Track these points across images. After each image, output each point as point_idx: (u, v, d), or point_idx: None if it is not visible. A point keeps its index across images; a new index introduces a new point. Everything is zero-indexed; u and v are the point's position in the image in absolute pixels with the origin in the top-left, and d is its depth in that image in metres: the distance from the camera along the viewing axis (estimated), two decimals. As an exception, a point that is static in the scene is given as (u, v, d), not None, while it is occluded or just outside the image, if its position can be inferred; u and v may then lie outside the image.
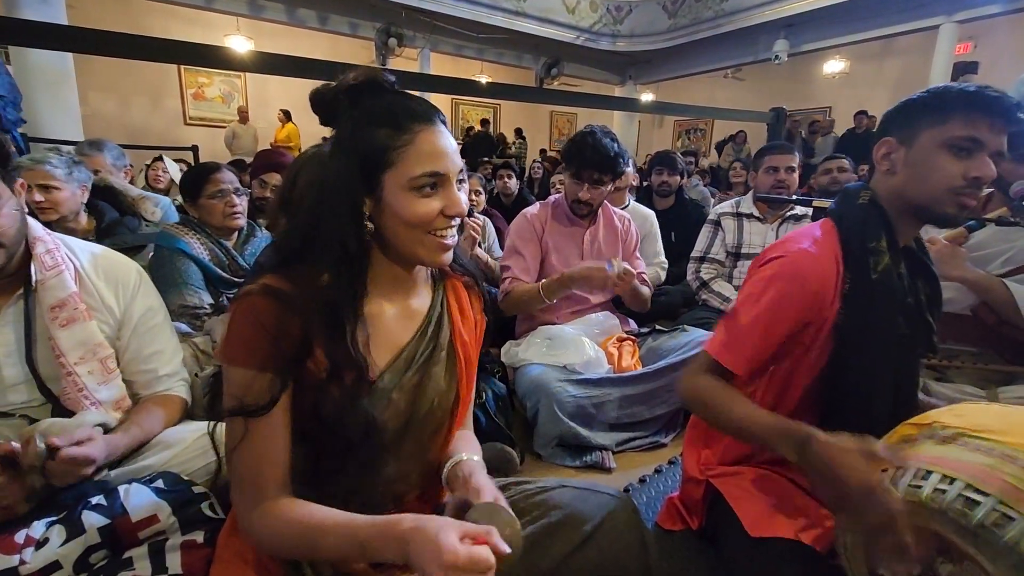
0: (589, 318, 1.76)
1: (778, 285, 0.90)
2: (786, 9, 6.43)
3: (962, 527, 0.64)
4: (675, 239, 2.71)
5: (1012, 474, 0.65)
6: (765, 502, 0.92)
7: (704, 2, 7.29)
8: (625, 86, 9.19)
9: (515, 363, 1.66)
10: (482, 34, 7.41)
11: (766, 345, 0.90)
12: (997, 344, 1.50)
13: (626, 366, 1.63)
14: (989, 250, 1.49)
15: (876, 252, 0.90)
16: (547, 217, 1.81)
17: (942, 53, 5.67)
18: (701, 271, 2.37)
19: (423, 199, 0.68)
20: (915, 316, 0.92)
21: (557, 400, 1.47)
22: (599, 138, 1.68)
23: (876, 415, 0.90)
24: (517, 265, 1.73)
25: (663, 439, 1.62)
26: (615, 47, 8.19)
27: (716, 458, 1.06)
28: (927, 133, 0.87)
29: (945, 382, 1.56)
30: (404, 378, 0.74)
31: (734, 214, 2.35)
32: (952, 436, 0.73)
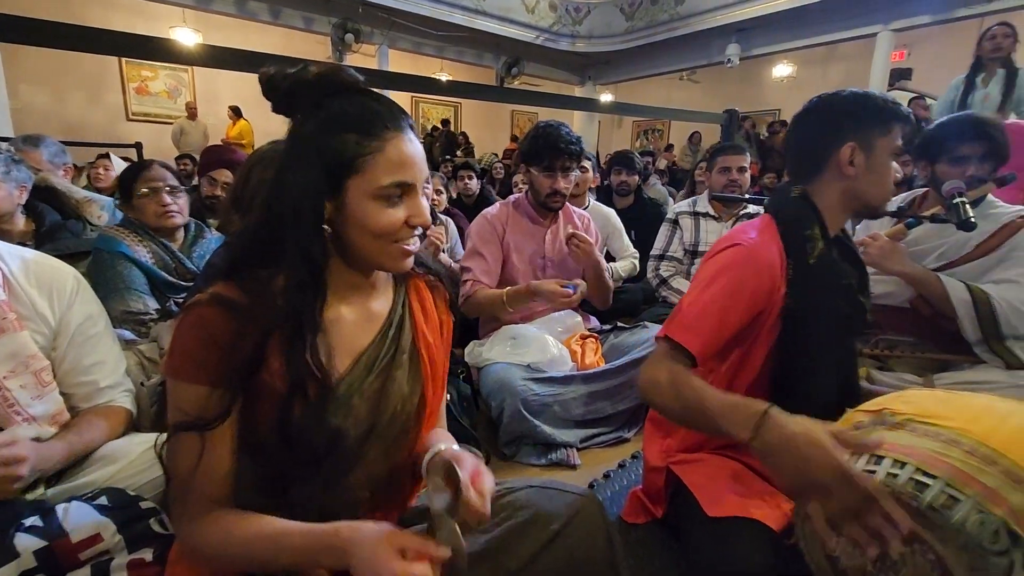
0: (552, 317, 1.76)
1: (731, 272, 0.94)
2: (737, 15, 6.67)
3: (913, 509, 0.67)
4: (635, 237, 2.76)
5: (957, 457, 0.68)
6: (723, 484, 0.95)
7: (660, 5, 7.47)
8: (584, 86, 9.31)
9: (479, 363, 1.65)
10: (441, 32, 7.34)
11: (722, 329, 0.93)
12: (933, 334, 1.59)
13: (589, 363, 1.64)
14: (925, 246, 1.57)
15: (811, 239, 0.96)
16: (508, 217, 1.80)
17: (880, 60, 6.01)
18: (660, 268, 2.43)
19: (388, 209, 0.66)
20: (851, 297, 0.99)
21: (522, 399, 1.47)
22: (560, 127, 1.70)
23: (822, 395, 0.95)
24: (478, 267, 1.72)
25: (626, 434, 1.64)
26: (574, 48, 8.28)
27: (677, 445, 1.09)
28: (880, 141, 0.94)
29: (886, 370, 1.64)
30: (365, 383, 0.72)
31: (691, 213, 2.42)
32: (901, 422, 0.76)
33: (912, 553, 0.70)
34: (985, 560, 0.63)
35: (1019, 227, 1.45)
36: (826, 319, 0.95)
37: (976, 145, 1.47)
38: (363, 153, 0.64)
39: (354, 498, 0.75)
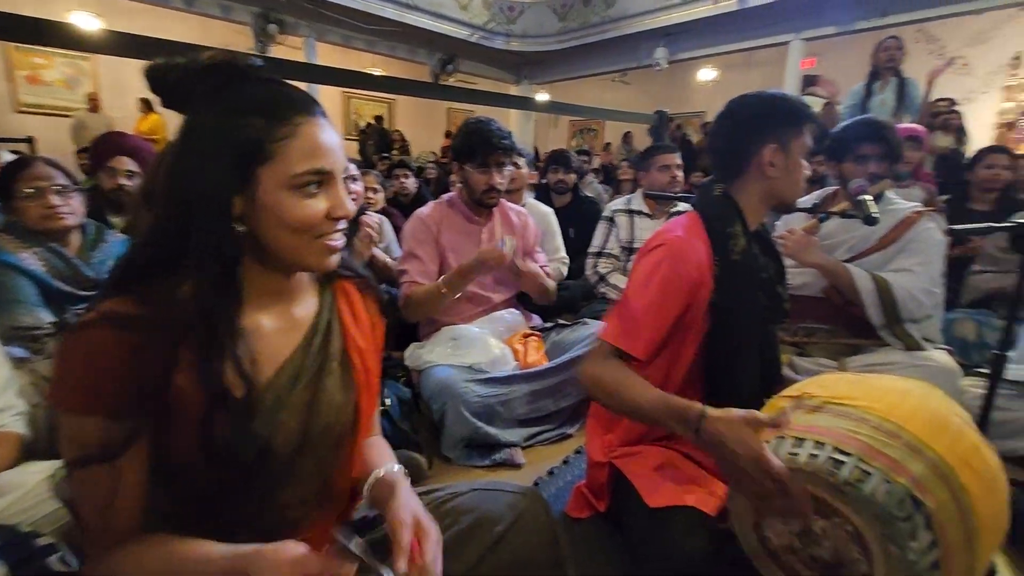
0: (493, 316, 1.75)
1: (663, 270, 0.97)
2: (663, 20, 6.94)
3: (831, 485, 0.72)
4: (573, 235, 2.80)
5: (867, 434, 0.74)
6: (662, 475, 0.99)
7: (591, 8, 7.63)
8: (520, 85, 9.37)
9: (419, 366, 1.61)
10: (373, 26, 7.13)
11: (660, 327, 0.97)
12: (844, 321, 1.73)
13: (532, 361, 1.65)
14: (836, 239, 1.71)
15: (734, 235, 1.01)
16: (442, 217, 1.76)
17: (792, 66, 6.46)
18: (599, 266, 2.48)
19: (306, 200, 0.61)
20: (769, 289, 1.05)
21: (464, 400, 1.45)
22: (490, 122, 1.68)
23: (748, 382, 1.01)
24: (415, 268, 1.67)
25: (569, 430, 1.67)
26: (509, 46, 8.30)
27: (618, 440, 1.12)
28: (795, 142, 1.00)
29: (805, 356, 1.76)
30: (292, 396, 0.67)
31: (626, 211, 2.49)
32: (819, 405, 0.82)
33: (832, 526, 0.75)
34: (893, 526, 0.68)
35: (914, 221, 1.61)
36: (749, 310, 1.01)
37: (875, 145, 1.61)
38: (273, 139, 0.59)
39: (290, 516, 0.70)
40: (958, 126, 4.22)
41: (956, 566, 0.70)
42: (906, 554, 0.68)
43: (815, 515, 0.76)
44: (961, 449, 0.73)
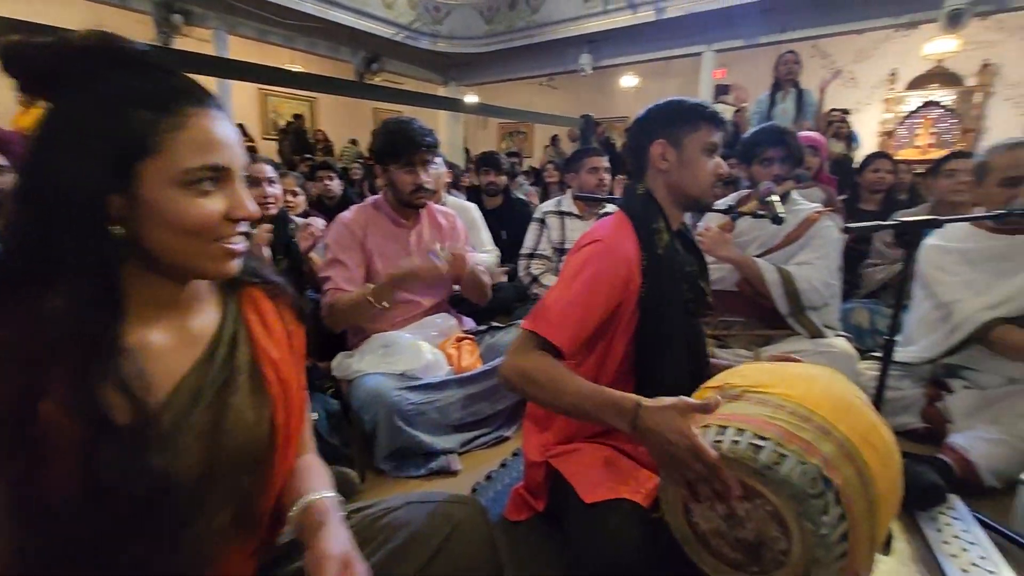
0: (425, 321, 1.71)
1: (593, 265, 0.99)
2: (587, 27, 7.15)
3: (752, 469, 0.76)
4: (506, 237, 2.81)
5: (783, 419, 0.79)
6: (597, 471, 1.01)
7: (517, 12, 7.72)
8: (448, 86, 9.30)
9: (348, 375, 1.54)
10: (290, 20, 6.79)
11: (587, 321, 0.98)
12: (757, 312, 1.86)
13: (467, 365, 1.63)
14: (748, 236, 1.86)
15: (658, 232, 1.05)
16: (367, 221, 1.69)
17: (706, 75, 6.87)
18: (531, 267, 2.50)
19: (200, 199, 0.56)
20: (693, 283, 1.10)
21: (397, 409, 1.41)
22: (411, 121, 1.65)
23: (677, 374, 1.05)
24: (340, 275, 1.59)
25: (506, 432, 1.66)
26: (436, 47, 8.22)
27: (554, 439, 1.13)
28: (688, 138, 1.05)
29: (725, 348, 1.88)
30: (193, 417, 0.60)
31: (557, 212, 2.53)
32: (739, 394, 0.86)
33: (754, 508, 0.79)
34: (807, 504, 0.73)
35: (815, 220, 1.78)
36: (675, 304, 1.05)
37: (779, 149, 1.78)
38: (157, 131, 0.53)
39: (201, 551, 0.63)
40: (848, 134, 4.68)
41: (861, 535, 0.75)
42: (819, 529, 0.73)
43: (739, 498, 0.80)
44: (862, 428, 0.79)
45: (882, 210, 2.77)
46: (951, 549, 1.16)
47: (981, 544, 1.16)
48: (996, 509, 1.28)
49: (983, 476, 1.36)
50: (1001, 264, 1.56)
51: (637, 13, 6.66)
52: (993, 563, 1.11)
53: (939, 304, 1.63)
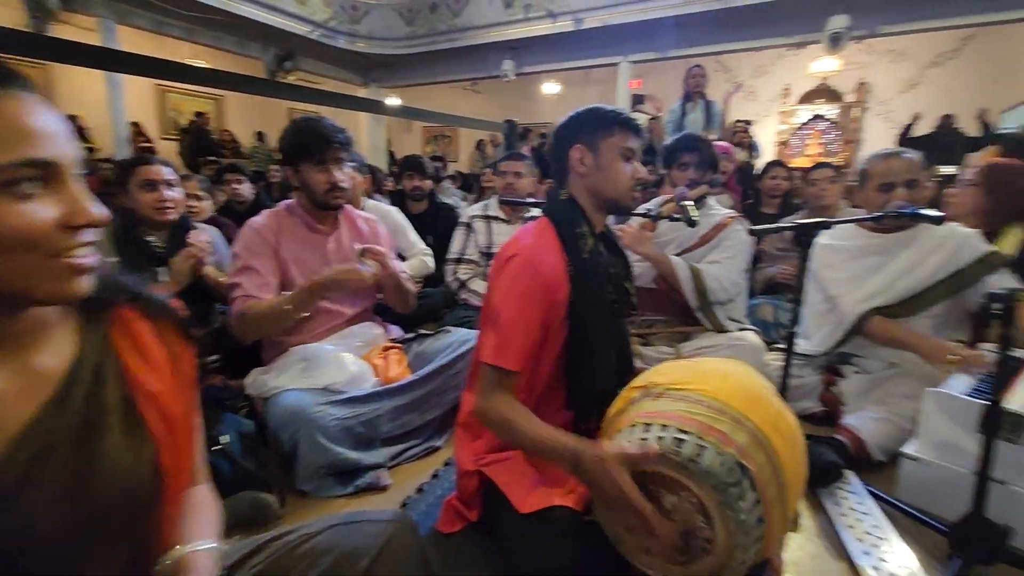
0: (349, 331, 1.63)
1: (523, 279, 1.00)
2: (508, 34, 7.24)
3: (677, 463, 0.79)
4: (432, 242, 2.77)
5: (701, 413, 0.83)
6: (530, 479, 1.01)
7: (438, 15, 7.67)
8: (369, 88, 9.04)
9: (264, 393, 1.44)
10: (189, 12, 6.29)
11: (531, 335, 1.01)
12: (676, 311, 1.96)
13: (394, 375, 1.57)
14: (669, 237, 2.00)
15: (583, 236, 1.07)
16: (280, 226, 1.58)
17: (622, 85, 7.19)
18: (459, 272, 2.48)
19: (20, 204, 0.47)
20: (618, 284, 1.13)
21: (319, 426, 1.33)
22: (321, 118, 1.57)
23: (605, 374, 1.07)
24: (251, 281, 1.48)
25: (437, 442, 1.62)
26: (354, 47, 7.96)
27: (486, 446, 1.11)
28: (604, 142, 1.08)
29: (648, 346, 1.96)
30: (47, 470, 0.51)
31: (484, 216, 2.52)
32: (661, 392, 0.90)
33: (680, 501, 0.82)
34: (727, 492, 0.77)
35: (727, 224, 1.94)
36: (601, 307, 1.07)
37: (693, 155, 1.93)
38: None
39: None
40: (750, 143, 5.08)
41: (775, 517, 0.81)
42: (738, 515, 0.77)
43: (666, 491, 0.83)
44: (771, 416, 0.85)
45: (780, 213, 3.02)
46: (848, 521, 1.28)
47: (873, 514, 1.29)
48: (884, 481, 1.43)
49: (872, 452, 1.51)
50: (877, 259, 1.74)
51: (557, 23, 6.84)
52: (883, 531, 1.23)
53: (827, 297, 1.80)
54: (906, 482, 1.37)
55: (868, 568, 1.13)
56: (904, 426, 1.51)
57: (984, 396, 1.20)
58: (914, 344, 1.60)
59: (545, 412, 1.08)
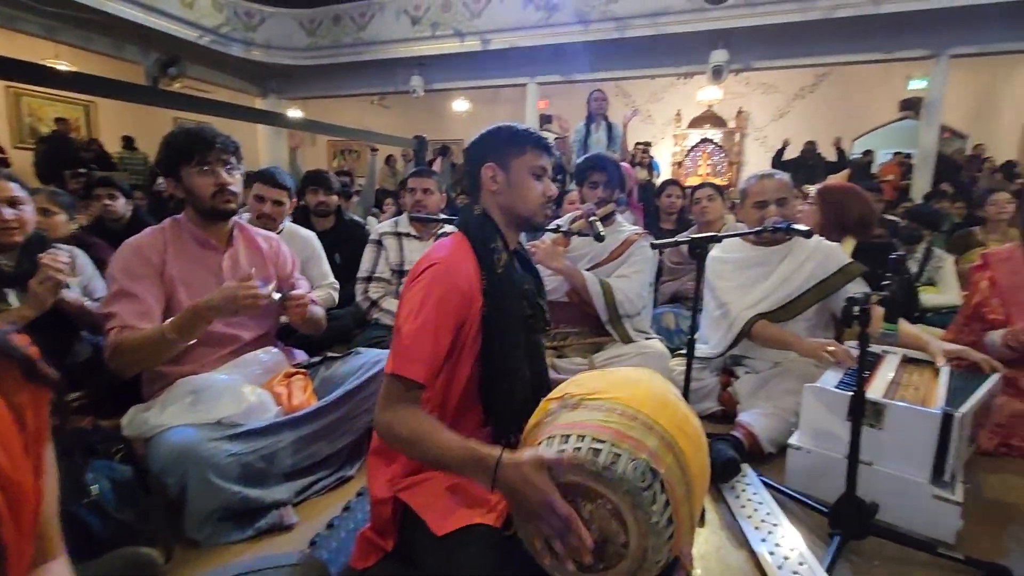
0: (246, 358, 1.49)
1: (435, 291, 0.98)
2: (416, 50, 7.23)
3: (593, 472, 0.80)
4: (340, 261, 2.65)
5: (615, 421, 0.85)
6: (447, 500, 0.98)
7: (342, 28, 7.48)
8: (268, 99, 8.57)
9: (146, 432, 1.27)
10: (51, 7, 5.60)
11: (438, 349, 0.98)
12: (588, 323, 2.03)
13: (298, 404, 1.45)
14: (581, 252, 2.07)
15: (497, 252, 1.07)
16: (166, 244, 1.43)
17: (530, 105, 7.44)
18: (370, 291, 2.39)
19: None
20: (532, 300, 1.14)
21: (212, 464, 1.19)
22: (202, 126, 1.48)
23: (520, 390, 1.07)
24: (129, 310, 1.32)
25: (349, 472, 1.53)
26: (250, 55, 7.53)
27: (402, 470, 1.07)
28: (515, 161, 1.10)
29: (563, 358, 2.01)
30: None
31: (394, 233, 2.46)
32: (577, 403, 0.91)
33: (596, 508, 0.83)
34: (640, 496, 0.79)
35: (633, 240, 2.05)
36: (514, 322, 1.08)
37: (601, 174, 2.03)
38: None
39: None
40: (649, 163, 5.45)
41: (683, 515, 0.84)
42: (651, 517, 0.79)
43: (584, 500, 0.83)
44: (677, 419, 0.89)
45: (677, 229, 3.26)
46: (747, 511, 1.38)
47: (767, 503, 1.40)
48: (775, 471, 1.56)
49: (764, 445, 1.64)
50: (761, 270, 1.94)
51: (464, 42, 6.94)
52: (775, 517, 1.34)
53: (720, 304, 1.97)
54: (792, 470, 1.51)
55: (765, 553, 1.22)
56: (789, 419, 1.67)
57: (850, 388, 1.36)
58: (793, 344, 1.78)
59: (461, 431, 1.06)
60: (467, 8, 6.85)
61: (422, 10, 7.06)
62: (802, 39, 5.95)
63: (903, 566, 1.20)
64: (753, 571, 1.20)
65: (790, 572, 1.15)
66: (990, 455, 1.68)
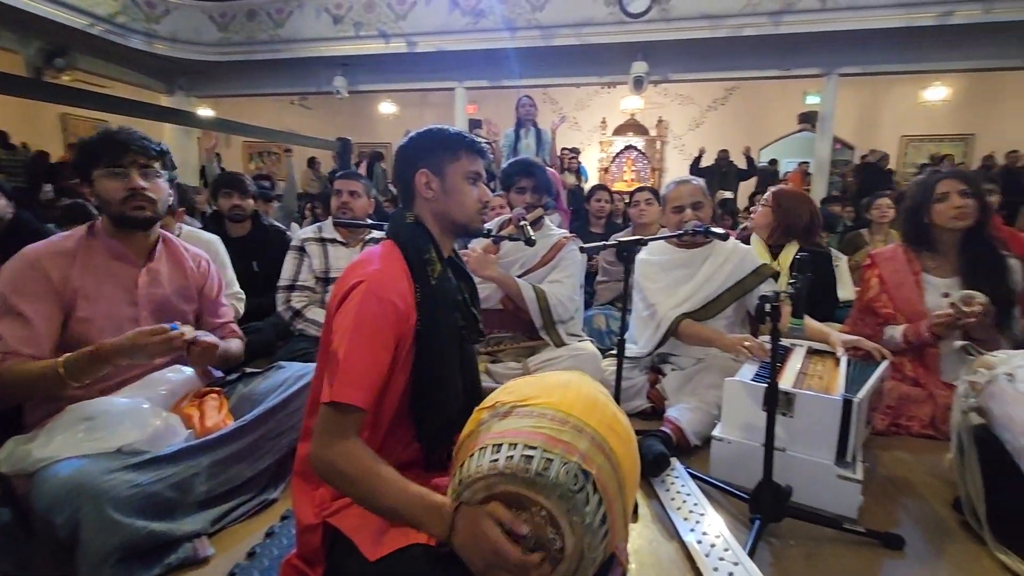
0: (152, 378, 1.34)
1: (369, 310, 0.93)
2: (339, 50, 6.99)
3: (526, 480, 0.79)
4: (258, 268, 2.49)
5: (548, 427, 0.85)
6: (380, 521, 0.93)
7: (258, 23, 7.09)
8: (175, 96, 7.94)
9: (28, 467, 1.12)
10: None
11: (380, 369, 0.93)
12: (522, 327, 2.04)
13: (213, 425, 1.33)
14: (512, 258, 2.07)
15: (430, 262, 1.04)
16: (74, 253, 1.30)
17: (459, 110, 7.41)
18: (292, 300, 2.26)
19: None
20: (466, 310, 1.12)
21: (111, 498, 1.07)
22: (123, 127, 1.36)
23: (454, 401, 1.05)
24: (14, 332, 1.18)
25: (273, 494, 1.42)
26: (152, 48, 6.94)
27: (330, 494, 1.01)
28: (450, 166, 1.07)
29: (498, 363, 2.00)
30: None
31: (318, 239, 2.35)
32: (508, 410, 0.90)
33: (531, 516, 0.82)
34: (573, 500, 0.79)
35: (564, 244, 2.09)
36: (448, 334, 1.04)
37: (529, 179, 2.04)
38: None
39: None
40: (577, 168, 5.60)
41: (617, 513, 0.86)
42: (584, 519, 0.80)
43: (518, 510, 0.83)
44: (607, 419, 0.91)
45: (606, 232, 3.37)
46: (676, 503, 1.44)
47: (694, 494, 1.46)
48: (700, 462, 1.64)
49: (690, 438, 1.72)
50: (684, 271, 2.04)
51: (389, 44, 6.81)
52: (702, 507, 1.41)
53: (648, 305, 2.05)
54: (716, 461, 1.59)
55: (694, 543, 1.27)
56: (712, 412, 1.76)
57: (764, 380, 1.46)
58: (716, 341, 1.88)
59: (392, 448, 1.03)
60: (392, 9, 6.72)
61: (344, 9, 6.84)
62: (713, 54, 6.38)
63: (815, 543, 1.29)
64: (684, 561, 1.25)
65: (716, 559, 1.20)
66: (883, 435, 1.86)
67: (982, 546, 1.27)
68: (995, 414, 1.28)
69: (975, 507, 1.30)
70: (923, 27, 5.48)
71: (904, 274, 2.00)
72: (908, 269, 1.99)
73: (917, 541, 1.30)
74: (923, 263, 1.98)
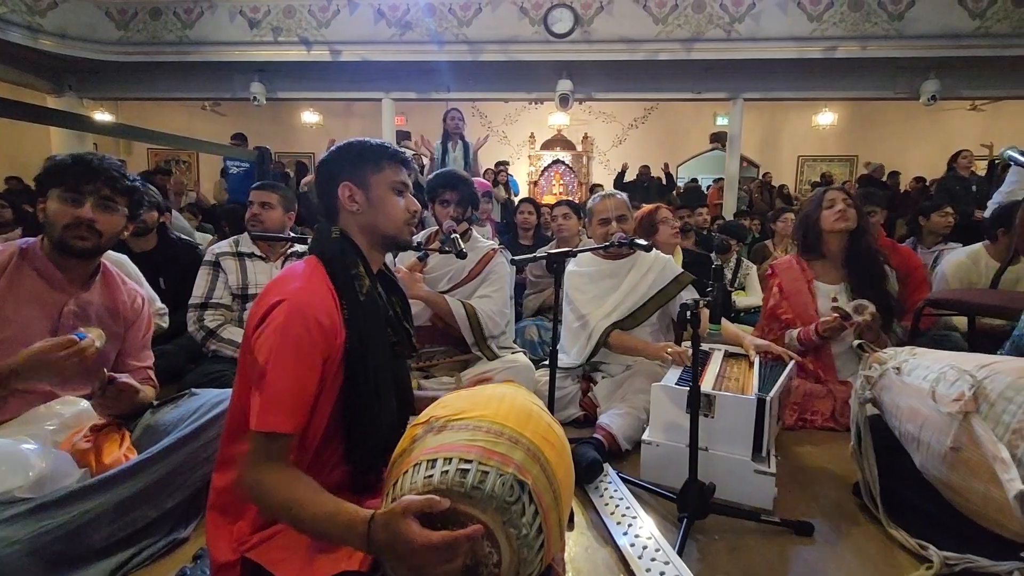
0: (34, 413, 1.18)
1: (292, 330, 0.88)
2: (255, 55, 6.65)
3: (463, 494, 0.78)
4: (165, 285, 2.29)
5: (481, 439, 0.84)
6: (303, 551, 0.89)
7: (163, 23, 6.60)
8: (64, 97, 7.18)
9: None
10: None
11: (306, 393, 0.89)
12: (453, 342, 2.02)
13: (112, 461, 1.19)
14: (439, 272, 2.04)
15: (358, 277, 1.01)
16: (3, 268, 1.21)
17: (386, 121, 7.28)
18: (205, 319, 2.10)
19: None
20: (397, 325, 1.09)
21: (-16, 556, 0.93)
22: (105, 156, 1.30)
23: (387, 417, 1.02)
24: None
25: (183, 532, 1.29)
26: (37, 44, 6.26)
27: (250, 527, 0.94)
28: (374, 178, 1.04)
29: (430, 377, 1.97)
30: None
31: (234, 254, 2.20)
32: (443, 425, 0.89)
33: (466, 530, 0.81)
34: (509, 511, 0.79)
35: (492, 256, 2.08)
36: (380, 351, 1.01)
37: (454, 192, 2.02)
38: None
39: None
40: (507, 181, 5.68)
41: (552, 522, 0.86)
42: (521, 530, 0.80)
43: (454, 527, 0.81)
44: (541, 430, 0.92)
45: (534, 244, 3.43)
46: (610, 508, 1.47)
47: (626, 498, 1.51)
48: (631, 467, 1.69)
49: (621, 443, 1.78)
50: (611, 281, 2.11)
51: (312, 51, 6.58)
52: (634, 510, 1.45)
53: (579, 316, 2.10)
54: (646, 464, 1.65)
55: (627, 546, 1.30)
56: (641, 416, 1.83)
57: (687, 383, 1.53)
58: (642, 350, 1.96)
59: (321, 469, 0.98)
60: (313, 16, 6.51)
61: (261, 13, 6.53)
62: (632, 75, 6.73)
63: (737, 536, 1.37)
64: (618, 564, 1.27)
65: (649, 560, 1.24)
66: (792, 429, 2.01)
67: (879, 527, 1.40)
68: (885, 404, 1.43)
69: (872, 490, 1.43)
70: (812, 59, 6.12)
71: (799, 282, 2.20)
72: (802, 277, 2.20)
73: (824, 527, 1.42)
74: (814, 271, 2.19)
